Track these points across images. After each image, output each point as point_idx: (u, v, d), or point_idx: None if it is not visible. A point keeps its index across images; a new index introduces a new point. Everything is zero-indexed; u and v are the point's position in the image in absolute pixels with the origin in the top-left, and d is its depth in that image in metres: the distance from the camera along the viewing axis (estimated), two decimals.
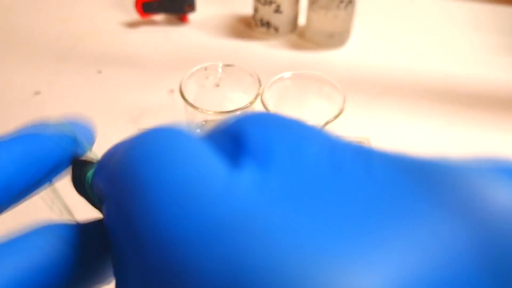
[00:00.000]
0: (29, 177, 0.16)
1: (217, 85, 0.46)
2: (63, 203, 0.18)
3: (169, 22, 0.73)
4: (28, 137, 0.16)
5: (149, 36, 0.70)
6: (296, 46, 0.69)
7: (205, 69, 0.44)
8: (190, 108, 0.41)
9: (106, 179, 0.15)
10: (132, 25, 0.72)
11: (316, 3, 0.64)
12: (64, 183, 0.20)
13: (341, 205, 0.11)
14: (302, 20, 0.71)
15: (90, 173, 0.17)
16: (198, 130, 0.46)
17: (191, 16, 0.73)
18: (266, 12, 0.67)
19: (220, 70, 0.45)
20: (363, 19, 0.73)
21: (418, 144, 0.54)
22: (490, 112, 0.59)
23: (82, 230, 0.15)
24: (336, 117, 0.39)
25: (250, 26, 0.72)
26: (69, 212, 0.18)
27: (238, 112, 0.41)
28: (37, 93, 0.60)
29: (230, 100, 0.46)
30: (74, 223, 0.16)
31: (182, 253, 0.11)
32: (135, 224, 0.12)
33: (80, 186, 0.18)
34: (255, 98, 0.41)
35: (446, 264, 0.10)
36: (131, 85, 0.62)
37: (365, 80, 0.63)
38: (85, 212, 0.19)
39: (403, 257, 0.10)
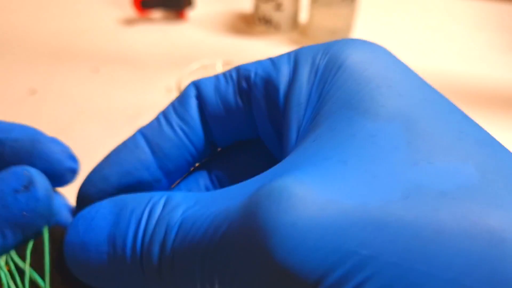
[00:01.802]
0: None
1: None
2: None
3: (167, 19, 0.72)
4: None
5: (147, 34, 0.69)
6: (297, 44, 0.68)
7: (204, 67, 0.43)
8: None
9: None
10: (130, 22, 0.71)
11: (318, 0, 0.63)
12: None
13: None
14: (303, 18, 0.70)
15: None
16: None
17: (190, 13, 0.72)
18: (267, 9, 0.66)
19: (219, 68, 0.44)
20: (365, 17, 0.72)
21: None
22: (493, 110, 0.58)
23: None
24: None
25: (250, 23, 0.71)
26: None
27: None
28: (33, 91, 0.59)
29: None
30: None
31: None
32: None
33: None
34: None
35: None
36: (129, 83, 0.61)
37: None
38: None
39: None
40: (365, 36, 0.69)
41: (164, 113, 0.18)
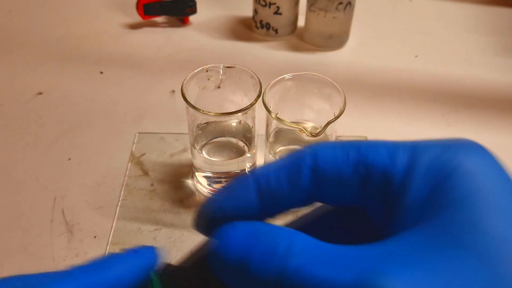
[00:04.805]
0: None
1: (218, 87, 0.46)
2: None
3: (170, 24, 0.73)
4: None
5: (151, 38, 0.71)
6: (295, 48, 0.69)
7: (206, 70, 0.45)
8: (191, 109, 0.42)
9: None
10: (134, 26, 0.73)
11: (315, 4, 0.65)
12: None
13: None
14: (301, 22, 0.71)
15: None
16: (199, 131, 0.47)
17: (192, 18, 0.74)
18: (266, 14, 0.68)
19: (221, 71, 0.45)
20: (362, 21, 0.73)
21: None
22: (487, 112, 0.60)
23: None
24: (336, 117, 0.39)
25: (250, 28, 0.73)
26: None
27: (239, 114, 0.42)
28: (39, 93, 0.61)
29: (231, 102, 0.47)
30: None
31: None
32: None
33: None
34: (256, 99, 0.42)
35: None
36: (133, 86, 0.63)
37: (364, 80, 0.64)
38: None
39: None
40: (361, 40, 0.71)
41: (278, 166, 0.21)
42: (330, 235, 0.22)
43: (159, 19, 0.74)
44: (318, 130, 0.39)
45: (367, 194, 0.20)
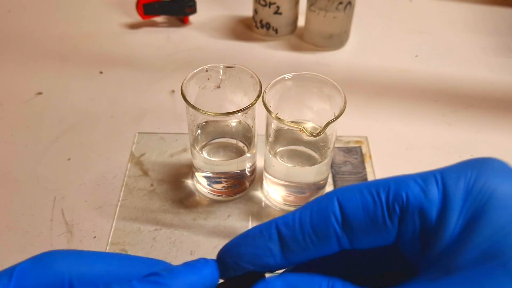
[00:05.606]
0: None
1: (218, 87, 0.46)
2: None
3: (170, 24, 0.73)
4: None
5: (150, 37, 0.71)
6: (295, 47, 0.69)
7: (206, 70, 0.45)
8: (191, 109, 0.42)
9: None
10: (134, 26, 0.73)
11: (315, 4, 0.65)
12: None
13: None
14: (301, 22, 0.71)
15: None
16: (199, 131, 0.47)
17: (192, 18, 0.73)
18: (266, 13, 0.68)
19: (221, 71, 0.45)
20: (362, 21, 0.73)
21: (416, 144, 0.55)
22: (487, 112, 0.60)
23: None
24: (337, 117, 0.39)
25: (250, 28, 0.73)
26: None
27: (239, 114, 0.41)
28: (39, 93, 0.61)
29: (231, 102, 0.47)
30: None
31: None
32: None
33: None
34: (256, 99, 0.42)
35: None
36: (132, 86, 0.63)
37: (364, 80, 0.64)
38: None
39: None
40: (361, 40, 0.71)
41: (301, 216, 0.20)
42: (359, 269, 0.22)
43: (159, 19, 0.74)
44: (318, 130, 0.39)
45: (402, 233, 0.19)
